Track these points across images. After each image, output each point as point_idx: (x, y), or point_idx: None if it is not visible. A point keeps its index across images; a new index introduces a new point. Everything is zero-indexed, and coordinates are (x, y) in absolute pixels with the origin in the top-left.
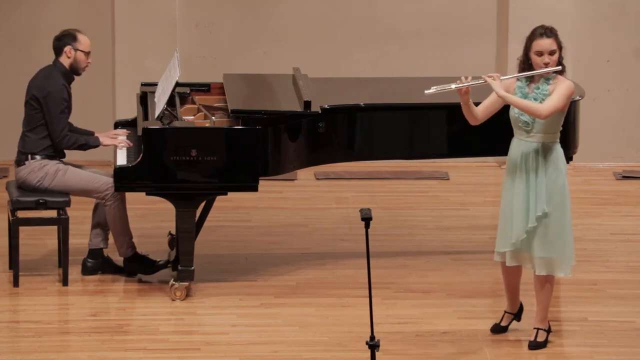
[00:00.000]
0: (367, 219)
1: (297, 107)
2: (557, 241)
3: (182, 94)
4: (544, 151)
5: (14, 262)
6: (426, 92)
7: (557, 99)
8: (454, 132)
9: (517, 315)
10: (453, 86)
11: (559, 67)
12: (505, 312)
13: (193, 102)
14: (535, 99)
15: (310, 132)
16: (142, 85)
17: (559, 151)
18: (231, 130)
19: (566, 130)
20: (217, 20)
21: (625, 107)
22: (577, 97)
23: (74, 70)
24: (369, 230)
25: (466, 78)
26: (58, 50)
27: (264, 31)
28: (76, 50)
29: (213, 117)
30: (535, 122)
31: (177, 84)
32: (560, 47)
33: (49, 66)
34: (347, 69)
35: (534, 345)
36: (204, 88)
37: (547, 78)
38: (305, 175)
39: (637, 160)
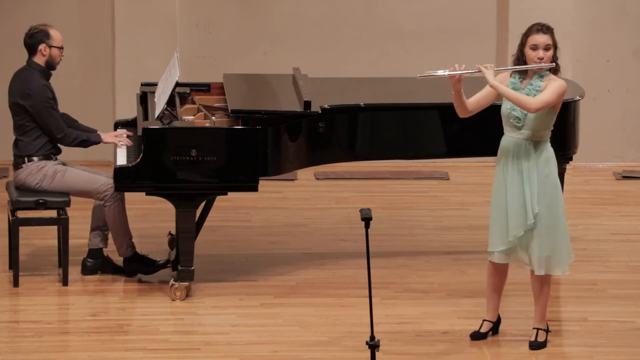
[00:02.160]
0: (367, 219)
1: (297, 107)
2: (552, 240)
3: (182, 94)
4: (535, 148)
5: (14, 262)
6: (418, 75)
7: (549, 94)
8: (454, 132)
9: (495, 326)
10: (446, 72)
11: (552, 64)
12: (485, 320)
13: (193, 102)
14: (527, 94)
15: (310, 132)
16: (142, 85)
17: (549, 150)
18: (231, 130)
19: (566, 130)
20: (217, 20)
21: (625, 107)
22: (577, 97)
23: (50, 66)
24: (369, 230)
25: (460, 66)
26: (31, 48)
27: (264, 31)
28: (50, 47)
29: (213, 117)
30: (526, 118)
31: (177, 84)
32: (555, 46)
33: (25, 68)
34: (347, 69)
35: (535, 345)
36: (204, 88)
37: (540, 75)
38: (305, 175)
39: (637, 160)
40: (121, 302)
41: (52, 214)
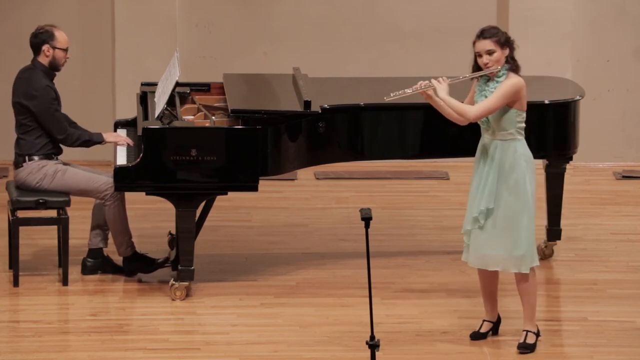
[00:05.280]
0: (367, 219)
1: (297, 107)
2: (512, 239)
3: (182, 94)
4: (502, 149)
5: (14, 262)
6: (386, 98)
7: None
8: (454, 132)
9: (495, 326)
10: (408, 90)
11: (497, 68)
12: (484, 320)
13: (193, 102)
14: (486, 97)
15: (310, 132)
16: (142, 85)
17: (519, 150)
18: (231, 130)
19: (566, 130)
20: (217, 20)
21: (625, 107)
22: (577, 97)
23: (53, 67)
24: (369, 230)
25: (423, 83)
26: (36, 48)
27: (264, 31)
28: (54, 48)
29: (213, 117)
30: (489, 120)
31: (177, 84)
32: (503, 45)
33: (29, 68)
34: (347, 69)
35: (523, 347)
36: (204, 88)
37: (498, 76)
38: (305, 175)
39: (637, 160)
40: (121, 302)
41: (52, 213)
